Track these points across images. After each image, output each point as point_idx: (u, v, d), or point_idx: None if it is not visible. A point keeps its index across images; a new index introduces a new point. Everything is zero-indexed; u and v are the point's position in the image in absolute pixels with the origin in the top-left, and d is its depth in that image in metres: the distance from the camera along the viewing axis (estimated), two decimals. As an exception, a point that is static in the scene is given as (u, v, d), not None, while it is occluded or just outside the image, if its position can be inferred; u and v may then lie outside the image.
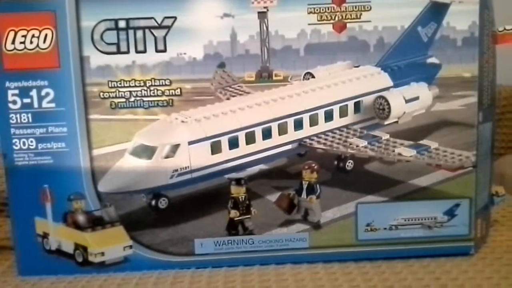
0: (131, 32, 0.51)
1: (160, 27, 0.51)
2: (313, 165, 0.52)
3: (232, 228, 0.53)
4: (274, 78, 0.52)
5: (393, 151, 0.53)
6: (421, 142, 0.53)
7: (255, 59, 0.52)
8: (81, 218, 0.53)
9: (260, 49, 0.52)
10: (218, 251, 0.54)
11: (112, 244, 0.53)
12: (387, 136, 0.54)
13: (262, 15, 0.51)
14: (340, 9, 0.51)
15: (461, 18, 0.52)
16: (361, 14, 0.51)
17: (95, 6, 0.50)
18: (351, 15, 0.51)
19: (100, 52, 0.51)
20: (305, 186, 0.53)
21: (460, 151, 0.53)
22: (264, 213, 0.54)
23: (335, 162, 0.54)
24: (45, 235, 0.53)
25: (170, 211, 0.53)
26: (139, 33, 0.51)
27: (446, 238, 0.55)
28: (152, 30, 0.51)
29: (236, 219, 0.53)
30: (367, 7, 0.51)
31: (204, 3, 0.51)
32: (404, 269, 0.52)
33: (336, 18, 0.52)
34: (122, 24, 0.51)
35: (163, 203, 0.53)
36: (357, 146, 0.53)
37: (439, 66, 0.52)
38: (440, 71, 0.52)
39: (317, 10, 0.51)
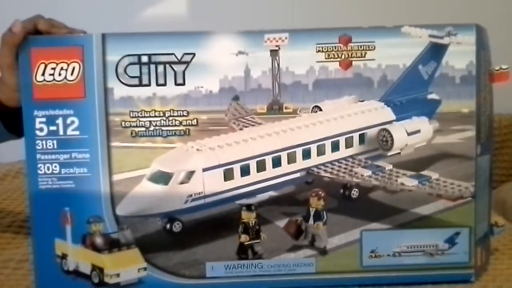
0: (152, 66, 0.55)
1: (179, 62, 0.55)
2: (320, 192, 0.55)
3: (242, 252, 0.56)
4: (284, 110, 0.56)
5: (396, 180, 0.56)
6: (422, 172, 0.56)
7: (267, 93, 0.56)
8: (98, 240, 0.56)
9: (272, 84, 0.55)
10: (229, 274, 0.56)
11: (127, 266, 0.56)
12: (390, 167, 0.57)
13: (274, 53, 0.55)
14: (347, 48, 0.56)
15: (459, 58, 0.56)
16: (365, 53, 0.56)
17: (120, 42, 0.55)
18: (356, 54, 0.56)
19: (123, 84, 0.55)
20: (312, 213, 0.56)
21: (459, 181, 0.56)
22: (273, 238, 0.56)
23: (341, 190, 0.57)
24: (63, 256, 0.56)
25: (184, 234, 0.56)
26: (160, 68, 0.55)
27: (447, 265, 0.57)
28: (172, 65, 0.55)
29: (246, 243, 0.56)
30: (371, 47, 0.55)
31: (221, 41, 0.55)
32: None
33: (343, 57, 0.56)
34: (144, 59, 0.55)
35: (177, 227, 0.56)
36: (362, 175, 0.56)
37: (439, 102, 0.56)
38: (440, 106, 0.56)
39: (325, 49, 0.55)
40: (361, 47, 0.56)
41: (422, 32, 0.56)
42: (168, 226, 0.56)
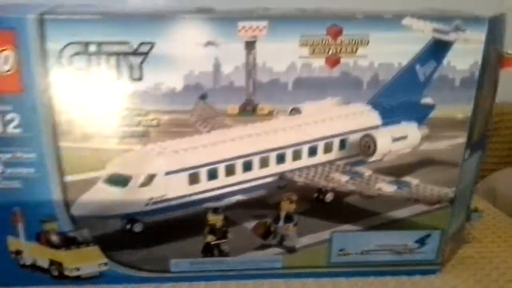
0: (103, 57, 0.46)
1: (135, 53, 0.46)
2: (293, 197, 0.52)
3: (208, 251, 0.53)
4: (258, 112, 0.49)
5: (374, 186, 0.52)
6: (403, 178, 0.53)
7: (240, 92, 0.48)
8: (54, 238, 0.52)
9: (246, 81, 0.48)
10: (194, 269, 0.55)
11: (86, 261, 0.53)
12: (370, 172, 0.53)
13: (250, 45, 0.46)
14: (335, 42, 0.47)
15: (462, 57, 0.48)
16: (357, 49, 0.47)
17: (62, 27, 0.44)
18: (346, 49, 0.47)
19: (70, 77, 0.46)
20: (282, 215, 0.53)
21: (440, 187, 0.53)
22: (240, 238, 0.54)
23: (315, 194, 0.53)
24: (18, 252, 0.53)
25: (146, 234, 0.52)
26: (112, 60, 0.46)
27: (413, 262, 0.57)
28: (127, 57, 0.46)
29: (212, 243, 0.53)
30: (365, 41, 0.47)
31: (186, 30, 0.45)
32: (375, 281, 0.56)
33: (330, 52, 0.47)
34: (93, 48, 0.45)
35: (138, 227, 0.52)
36: (338, 180, 0.52)
37: (433, 107, 0.49)
38: (433, 111, 0.50)
39: (310, 42, 0.47)
40: (352, 41, 0.47)
41: (426, 26, 0.47)
42: (128, 226, 0.52)
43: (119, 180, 0.50)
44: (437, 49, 0.48)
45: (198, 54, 0.46)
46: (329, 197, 0.53)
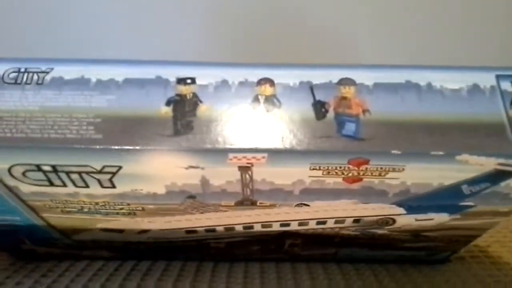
0: (62, 174, 0.36)
1: (100, 172, 0.36)
2: (297, 241, 0.48)
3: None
4: (258, 205, 0.40)
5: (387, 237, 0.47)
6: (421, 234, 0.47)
7: (235, 195, 0.39)
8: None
9: (242, 190, 0.38)
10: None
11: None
12: (385, 231, 0.46)
13: (245, 168, 0.35)
14: (359, 169, 0.35)
15: (528, 178, 0.36)
16: (387, 174, 0.35)
17: (2, 153, 0.34)
18: (372, 173, 0.35)
19: (29, 184, 0.38)
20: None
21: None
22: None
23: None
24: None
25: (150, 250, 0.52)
26: (74, 175, 0.36)
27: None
28: (91, 175, 0.36)
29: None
30: (399, 169, 0.35)
31: (158, 158, 0.34)
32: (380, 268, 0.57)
33: (351, 175, 0.36)
34: (47, 168, 0.36)
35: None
36: (348, 234, 0.47)
37: (472, 207, 0.40)
38: (472, 209, 0.40)
39: (324, 168, 0.35)
40: (381, 168, 0.35)
41: (488, 161, 0.33)
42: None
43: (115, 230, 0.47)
44: (496, 176, 0.35)
45: (180, 173, 0.36)
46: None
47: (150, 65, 0.36)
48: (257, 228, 0.46)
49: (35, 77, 0.35)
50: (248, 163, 0.35)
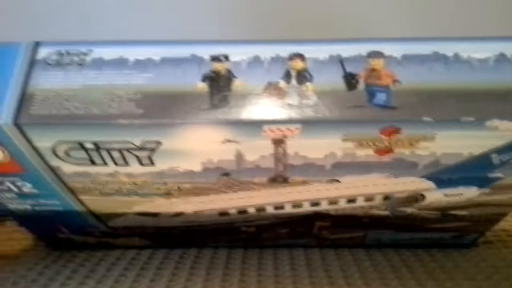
0: (103, 152, 0.38)
1: (140, 149, 0.37)
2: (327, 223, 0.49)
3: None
4: (290, 181, 0.42)
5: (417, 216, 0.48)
6: (450, 212, 0.47)
7: (268, 171, 0.40)
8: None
9: (274, 164, 0.39)
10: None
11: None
12: (414, 210, 0.47)
13: (279, 141, 0.36)
14: (390, 139, 0.36)
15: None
16: (417, 143, 0.36)
17: (46, 131, 0.36)
18: (403, 144, 0.36)
19: (71, 164, 0.40)
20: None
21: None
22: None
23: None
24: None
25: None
26: (115, 153, 0.38)
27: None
28: (132, 151, 0.38)
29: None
30: (429, 138, 0.35)
31: (196, 131, 0.35)
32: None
33: (382, 145, 0.37)
34: (89, 145, 0.37)
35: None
36: (377, 214, 0.47)
37: (501, 178, 0.40)
38: (501, 180, 0.41)
39: (356, 138, 0.36)
40: (413, 137, 0.36)
41: (518, 126, 0.34)
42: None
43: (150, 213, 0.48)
44: (527, 142, 0.36)
45: (216, 148, 0.37)
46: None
47: (184, 44, 0.38)
48: (288, 208, 0.47)
49: (76, 58, 0.37)
50: (282, 135, 0.36)
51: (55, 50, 0.38)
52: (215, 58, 0.37)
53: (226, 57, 0.37)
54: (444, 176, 0.41)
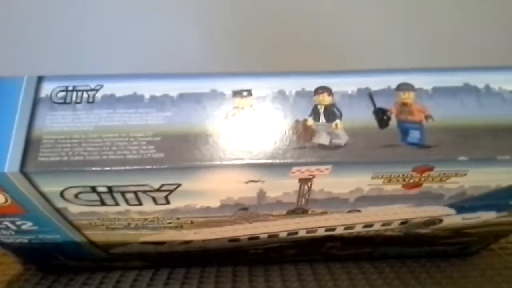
0: (117, 194, 0.35)
1: (158, 190, 0.35)
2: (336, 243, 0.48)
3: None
4: (310, 213, 0.40)
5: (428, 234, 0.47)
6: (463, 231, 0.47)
7: (288, 205, 0.38)
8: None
9: (297, 200, 0.37)
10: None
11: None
12: (428, 231, 0.46)
13: (305, 180, 0.35)
14: (421, 175, 0.34)
15: None
16: (448, 179, 0.35)
17: (53, 177, 0.33)
18: (433, 179, 0.35)
19: (79, 205, 0.37)
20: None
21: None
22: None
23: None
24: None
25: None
26: (129, 195, 0.35)
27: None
28: (148, 193, 0.35)
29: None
30: (461, 174, 0.34)
31: (219, 174, 0.33)
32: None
33: (411, 181, 0.35)
34: (102, 189, 0.34)
35: (179, 256, 0.51)
36: (390, 235, 0.47)
37: (524, 205, 0.40)
38: None
39: (386, 176, 0.34)
40: (444, 174, 0.34)
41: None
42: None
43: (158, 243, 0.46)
44: (556, 175, 0.35)
45: (238, 188, 0.35)
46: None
47: (203, 78, 0.35)
48: (302, 234, 0.46)
49: (85, 95, 0.34)
50: (310, 175, 0.34)
51: (61, 86, 0.34)
52: (237, 93, 0.35)
53: (249, 92, 0.35)
54: (467, 204, 0.40)
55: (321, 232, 0.45)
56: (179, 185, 0.35)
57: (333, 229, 0.45)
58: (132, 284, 0.54)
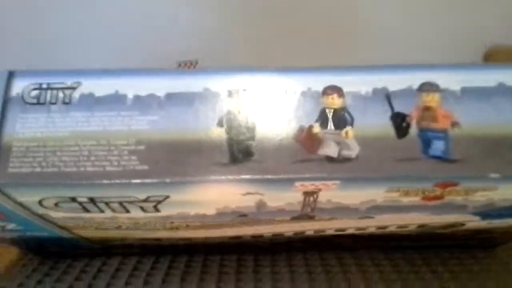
0: (100, 204, 0.32)
1: (145, 201, 0.31)
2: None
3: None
4: (315, 219, 0.36)
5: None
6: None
7: (292, 213, 0.34)
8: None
9: (301, 208, 0.33)
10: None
11: None
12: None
13: (310, 193, 0.30)
14: (444, 190, 0.30)
15: None
16: (474, 193, 0.30)
17: (28, 190, 0.29)
18: (458, 193, 0.31)
19: (62, 212, 0.33)
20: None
21: None
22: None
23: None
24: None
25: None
26: (114, 204, 0.32)
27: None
28: (135, 203, 0.32)
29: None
30: (490, 190, 0.30)
31: (212, 188, 0.29)
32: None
33: (432, 195, 0.31)
34: (83, 199, 0.31)
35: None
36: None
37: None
38: None
39: (403, 190, 0.30)
40: (471, 189, 0.30)
41: None
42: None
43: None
44: None
45: (235, 199, 0.31)
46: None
47: (195, 75, 0.30)
48: (309, 233, 0.42)
49: (61, 94, 0.30)
50: (316, 189, 0.30)
51: (34, 84, 0.30)
52: (233, 93, 0.30)
53: (247, 92, 0.30)
54: (495, 213, 0.36)
55: (330, 232, 0.42)
56: (167, 196, 0.31)
57: (343, 230, 0.41)
58: (135, 267, 0.51)
